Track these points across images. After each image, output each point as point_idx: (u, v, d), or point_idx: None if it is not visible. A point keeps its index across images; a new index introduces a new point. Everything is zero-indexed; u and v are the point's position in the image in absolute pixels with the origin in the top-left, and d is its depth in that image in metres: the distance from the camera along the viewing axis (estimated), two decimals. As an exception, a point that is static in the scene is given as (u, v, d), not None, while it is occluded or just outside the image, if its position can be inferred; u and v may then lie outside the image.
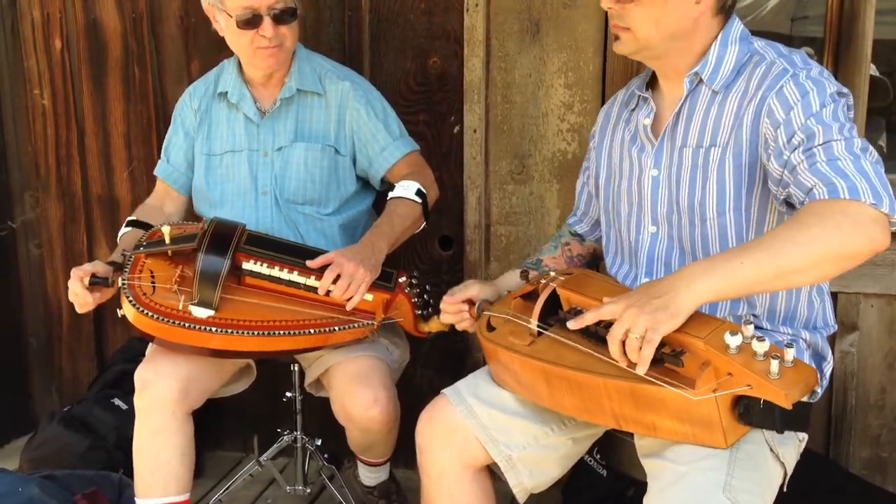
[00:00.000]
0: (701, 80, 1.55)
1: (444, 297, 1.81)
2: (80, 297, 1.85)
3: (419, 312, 1.97)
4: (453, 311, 1.79)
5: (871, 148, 1.38)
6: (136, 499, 1.94)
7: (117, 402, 2.57)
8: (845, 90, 1.47)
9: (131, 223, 2.11)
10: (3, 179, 2.85)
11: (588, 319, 1.40)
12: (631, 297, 1.34)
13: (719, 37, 1.54)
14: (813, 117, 1.40)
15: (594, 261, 1.96)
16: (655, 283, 1.34)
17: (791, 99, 1.43)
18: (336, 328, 1.85)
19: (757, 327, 1.55)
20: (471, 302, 1.78)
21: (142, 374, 1.89)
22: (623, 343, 1.32)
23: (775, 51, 1.53)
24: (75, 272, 1.85)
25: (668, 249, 1.63)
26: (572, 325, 1.42)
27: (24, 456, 2.54)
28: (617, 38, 1.56)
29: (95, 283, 1.85)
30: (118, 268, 1.88)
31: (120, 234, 2.11)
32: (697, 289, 1.29)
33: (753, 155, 1.49)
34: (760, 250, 1.28)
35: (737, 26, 1.57)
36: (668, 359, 1.32)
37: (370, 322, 1.89)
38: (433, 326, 1.98)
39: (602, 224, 1.82)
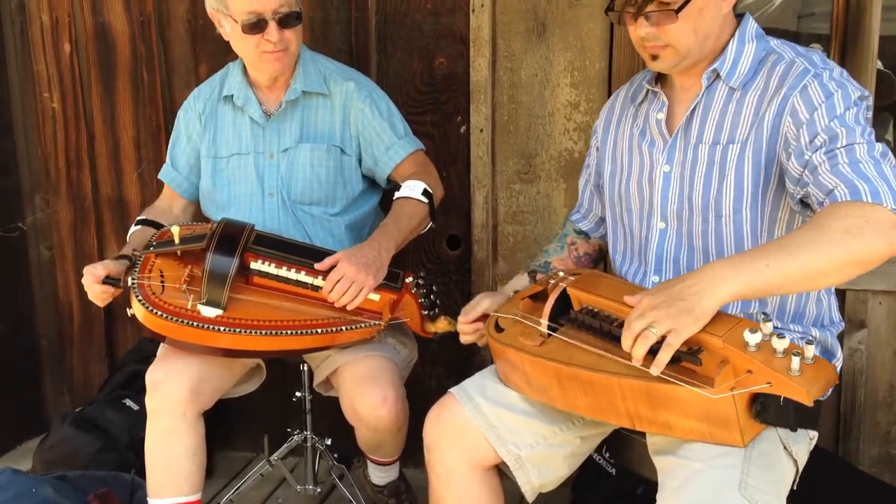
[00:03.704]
0: (718, 77, 1.55)
1: (459, 318, 1.77)
2: (99, 295, 1.92)
3: (426, 313, 1.98)
4: (471, 330, 1.76)
5: (890, 153, 1.39)
6: (148, 498, 1.95)
7: (129, 402, 2.58)
8: (866, 93, 1.47)
9: (141, 222, 2.14)
10: (13, 182, 2.87)
11: (628, 346, 1.31)
12: (654, 297, 1.32)
13: (736, 34, 1.55)
14: (837, 119, 1.40)
15: (601, 258, 1.96)
16: (678, 283, 1.32)
17: (815, 99, 1.43)
18: (343, 328, 1.86)
19: (767, 324, 1.56)
20: (485, 316, 1.75)
21: (152, 375, 1.90)
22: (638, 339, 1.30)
23: (793, 50, 1.53)
24: (88, 272, 1.90)
25: (677, 246, 1.63)
26: (638, 363, 1.32)
27: (37, 457, 2.56)
28: (655, 57, 1.55)
29: (107, 283, 1.90)
30: (130, 266, 1.91)
31: (130, 232, 2.13)
32: (721, 291, 1.27)
33: (771, 152, 1.49)
34: (785, 253, 1.27)
35: (752, 24, 1.58)
36: (685, 357, 1.30)
37: (377, 322, 1.90)
38: (440, 327, 1.98)
39: (608, 221, 1.81)
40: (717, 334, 1.30)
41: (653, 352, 1.31)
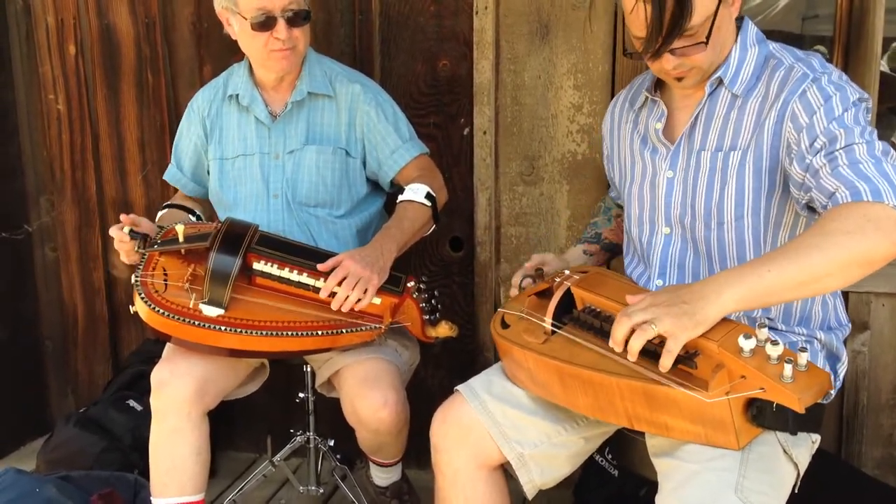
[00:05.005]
0: (721, 83, 1.55)
1: (525, 266, 1.78)
2: (126, 247, 1.91)
3: (427, 317, 1.98)
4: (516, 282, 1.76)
5: (892, 151, 1.38)
6: (151, 498, 1.96)
7: (132, 403, 2.59)
8: (866, 95, 1.47)
9: (169, 206, 2.19)
10: (18, 184, 2.88)
11: (621, 332, 1.34)
12: (658, 297, 1.33)
13: (738, 40, 1.55)
14: (835, 121, 1.40)
15: None
16: (684, 288, 1.33)
17: (814, 103, 1.43)
18: (344, 330, 1.86)
19: (772, 329, 1.56)
20: (539, 272, 1.77)
21: (158, 375, 1.91)
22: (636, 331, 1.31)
23: (792, 55, 1.53)
24: (122, 222, 1.91)
25: (682, 251, 1.63)
26: (618, 348, 1.35)
27: (41, 457, 2.56)
28: (681, 78, 1.54)
29: (134, 236, 1.90)
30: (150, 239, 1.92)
31: (159, 215, 2.16)
32: (725, 299, 1.28)
33: (774, 159, 1.49)
34: (785, 258, 1.27)
35: (752, 28, 1.57)
36: (681, 360, 1.32)
37: (377, 326, 1.90)
38: (441, 332, 1.98)
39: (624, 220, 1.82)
40: (713, 339, 1.31)
41: (644, 352, 1.32)
